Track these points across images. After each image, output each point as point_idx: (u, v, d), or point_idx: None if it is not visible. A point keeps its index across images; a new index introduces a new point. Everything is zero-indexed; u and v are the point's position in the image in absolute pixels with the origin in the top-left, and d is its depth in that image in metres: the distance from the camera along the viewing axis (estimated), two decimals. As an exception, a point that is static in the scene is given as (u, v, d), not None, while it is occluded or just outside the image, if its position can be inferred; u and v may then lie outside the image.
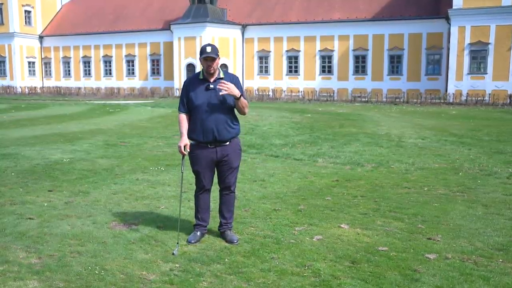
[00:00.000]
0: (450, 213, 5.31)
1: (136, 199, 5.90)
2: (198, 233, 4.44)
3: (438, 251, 4.11)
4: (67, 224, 4.83)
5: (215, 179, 4.51)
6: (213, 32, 37.23)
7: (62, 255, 3.98)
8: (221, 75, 4.28)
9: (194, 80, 4.33)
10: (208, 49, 4.15)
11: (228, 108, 4.28)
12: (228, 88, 4.11)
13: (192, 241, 4.33)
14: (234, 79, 4.32)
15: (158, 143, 11.35)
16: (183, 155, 4.30)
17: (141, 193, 6.21)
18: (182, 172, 4.44)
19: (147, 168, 7.99)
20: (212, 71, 4.22)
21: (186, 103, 4.31)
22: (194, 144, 4.34)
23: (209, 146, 4.28)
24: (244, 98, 4.29)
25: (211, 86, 4.23)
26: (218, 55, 4.19)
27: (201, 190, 4.45)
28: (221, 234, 4.48)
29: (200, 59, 4.21)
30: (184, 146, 4.26)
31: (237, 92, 4.16)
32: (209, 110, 4.21)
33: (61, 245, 4.21)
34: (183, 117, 4.34)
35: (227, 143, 4.31)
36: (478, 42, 29.99)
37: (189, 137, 4.34)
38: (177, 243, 4.19)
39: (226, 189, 4.46)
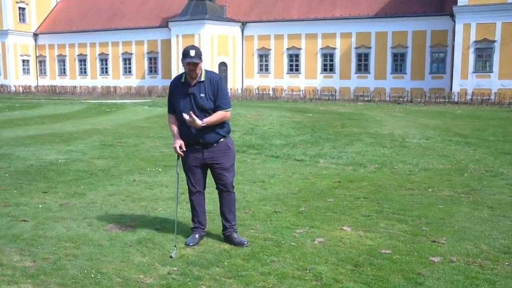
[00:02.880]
0: (455, 215, 5.32)
1: (133, 201, 5.90)
2: (197, 235, 4.44)
3: (442, 254, 4.11)
4: (62, 226, 4.83)
5: (210, 181, 4.52)
6: (212, 29, 37.25)
7: (57, 258, 3.98)
8: (202, 78, 4.23)
9: (177, 83, 4.33)
10: (192, 53, 4.09)
11: (210, 112, 4.24)
12: (192, 122, 4.10)
13: (191, 244, 4.33)
14: (214, 81, 4.26)
15: (155, 143, 11.36)
16: (179, 155, 4.30)
17: (138, 195, 6.21)
18: (177, 174, 4.44)
19: (144, 169, 8.00)
20: (194, 75, 4.20)
21: (171, 105, 4.36)
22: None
23: (196, 146, 4.31)
24: (224, 107, 4.23)
25: (190, 90, 4.21)
26: (201, 59, 4.15)
27: (193, 191, 4.45)
28: (227, 237, 4.43)
29: (182, 62, 4.17)
30: (180, 146, 4.26)
31: (198, 124, 4.12)
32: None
33: (56, 248, 4.21)
34: (173, 118, 4.38)
35: (214, 144, 4.32)
36: (484, 39, 30.00)
37: None
38: (175, 246, 4.19)
39: (224, 190, 4.44)
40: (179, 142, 4.26)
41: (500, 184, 6.94)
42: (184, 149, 4.30)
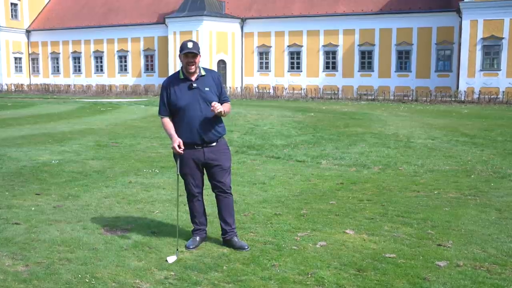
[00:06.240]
0: (462, 218, 5.32)
1: (129, 203, 5.90)
2: (197, 238, 4.45)
3: (448, 258, 4.11)
4: (56, 229, 4.83)
5: (208, 184, 4.52)
6: (211, 26, 37.26)
7: (51, 263, 3.98)
8: (202, 73, 4.32)
9: (174, 80, 4.34)
10: (190, 44, 4.18)
11: None
12: (219, 111, 4.19)
13: (191, 247, 4.33)
14: (216, 76, 4.38)
15: (152, 143, 11.36)
16: (180, 154, 4.27)
17: (134, 197, 6.22)
18: (177, 174, 4.43)
19: (141, 170, 8.00)
20: (192, 70, 4.24)
21: (168, 105, 4.32)
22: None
23: (196, 147, 4.31)
24: (228, 100, 4.45)
25: (194, 85, 4.26)
26: (199, 52, 4.22)
27: (193, 194, 4.46)
28: (227, 241, 4.42)
29: (180, 55, 4.23)
30: (179, 145, 4.24)
31: (221, 110, 4.20)
32: (193, 111, 4.24)
33: (49, 252, 4.22)
34: (167, 120, 4.37)
35: (214, 144, 4.35)
36: (491, 36, 30.00)
37: None
38: (177, 250, 4.18)
39: (223, 192, 4.44)
40: (178, 141, 4.24)
41: (508, 186, 6.94)
42: (183, 147, 4.29)
